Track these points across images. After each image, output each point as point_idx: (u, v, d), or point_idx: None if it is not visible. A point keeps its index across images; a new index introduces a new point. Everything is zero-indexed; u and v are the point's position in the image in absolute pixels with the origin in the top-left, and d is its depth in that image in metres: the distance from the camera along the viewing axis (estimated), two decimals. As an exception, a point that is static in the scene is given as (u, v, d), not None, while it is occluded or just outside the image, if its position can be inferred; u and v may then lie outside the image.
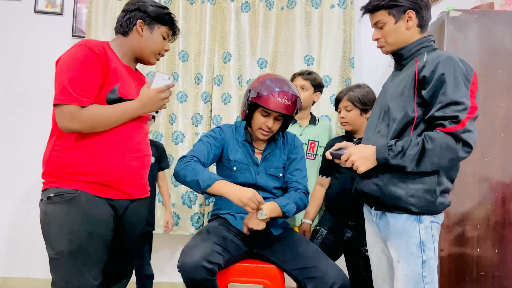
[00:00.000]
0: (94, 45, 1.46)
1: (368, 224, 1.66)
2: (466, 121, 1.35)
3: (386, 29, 1.54)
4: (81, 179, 1.45)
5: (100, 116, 1.43)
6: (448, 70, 1.38)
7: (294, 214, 1.89)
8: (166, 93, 1.53)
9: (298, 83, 2.34)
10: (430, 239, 1.45)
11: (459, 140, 1.35)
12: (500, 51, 2.15)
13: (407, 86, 1.46)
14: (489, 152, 2.13)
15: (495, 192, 2.12)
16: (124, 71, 1.56)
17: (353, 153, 1.49)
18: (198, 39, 2.82)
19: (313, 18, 2.79)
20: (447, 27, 2.16)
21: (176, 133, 2.80)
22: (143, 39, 1.59)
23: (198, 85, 2.81)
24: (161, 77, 1.53)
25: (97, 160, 1.46)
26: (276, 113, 1.86)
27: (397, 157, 1.40)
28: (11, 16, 2.88)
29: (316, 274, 1.70)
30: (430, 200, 1.43)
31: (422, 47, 1.52)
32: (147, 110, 1.53)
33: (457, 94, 1.36)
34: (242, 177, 1.94)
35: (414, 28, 1.52)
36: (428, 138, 1.37)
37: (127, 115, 1.49)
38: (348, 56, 2.77)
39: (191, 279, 1.61)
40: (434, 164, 1.39)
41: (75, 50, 1.45)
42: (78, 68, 1.41)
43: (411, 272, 1.45)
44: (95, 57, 1.43)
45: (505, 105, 2.14)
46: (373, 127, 1.57)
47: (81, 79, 1.41)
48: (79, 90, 1.40)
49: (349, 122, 2.13)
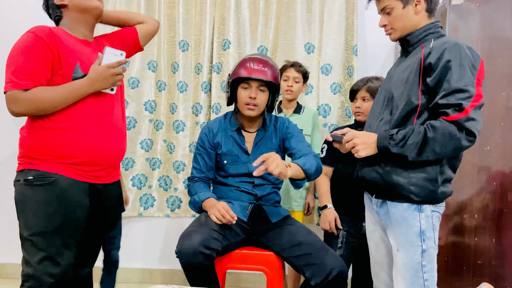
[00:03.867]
0: (39, 30, 1.47)
1: (368, 212, 1.67)
2: (469, 109, 1.32)
3: (394, 15, 1.50)
4: (60, 161, 1.48)
5: (43, 97, 1.45)
6: (455, 57, 1.36)
7: (314, 175, 1.81)
8: (117, 69, 1.52)
9: (291, 75, 2.39)
10: (431, 229, 1.45)
11: (462, 128, 1.33)
12: (501, 39, 2.12)
13: (412, 72, 1.44)
14: (489, 141, 2.12)
15: (493, 182, 2.12)
16: (82, 46, 1.56)
17: (357, 135, 1.47)
18: (198, 28, 2.80)
19: (314, 5, 2.76)
20: (449, 15, 2.14)
21: (177, 122, 2.81)
22: (71, 6, 1.56)
23: (198, 75, 2.81)
24: (111, 52, 1.51)
25: (71, 141, 1.49)
26: (254, 81, 1.89)
27: (398, 146, 1.39)
28: (11, 5, 2.85)
29: (314, 261, 1.71)
30: (431, 189, 1.43)
31: (430, 33, 1.49)
32: (97, 87, 1.51)
33: (462, 81, 1.34)
34: (234, 169, 1.96)
35: (423, 12, 1.50)
36: (431, 127, 1.36)
37: (75, 94, 1.49)
38: (350, 44, 2.75)
39: (189, 264, 1.63)
40: (436, 153, 1.38)
41: (21, 39, 1.49)
42: (22, 55, 1.45)
43: (411, 261, 1.45)
44: (39, 41, 1.45)
45: (505, 94, 2.12)
46: (376, 114, 1.56)
47: (24, 65, 1.44)
48: (22, 75, 1.43)
49: (364, 112, 2.12)
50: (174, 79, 2.82)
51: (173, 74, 2.82)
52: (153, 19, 1.87)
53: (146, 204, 2.83)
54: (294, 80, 2.39)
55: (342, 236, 2.07)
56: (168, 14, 2.79)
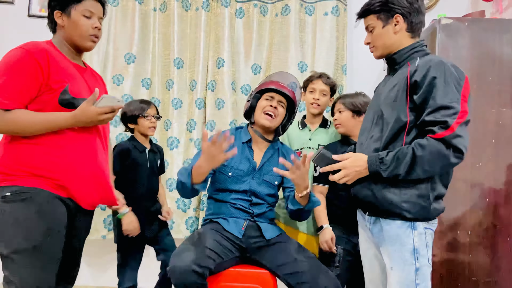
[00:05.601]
0: (32, 48, 1.43)
1: (361, 229, 1.66)
2: (455, 126, 1.34)
3: (375, 33, 1.56)
4: (38, 174, 1.43)
5: (23, 122, 1.41)
6: (439, 74, 1.38)
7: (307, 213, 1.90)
8: (108, 115, 1.47)
9: (318, 87, 2.26)
10: (424, 246, 1.45)
11: (450, 146, 1.34)
12: (491, 58, 2.17)
13: (400, 90, 1.46)
14: (480, 158, 2.14)
15: (486, 198, 2.13)
16: (74, 70, 1.53)
17: (345, 166, 1.48)
18: (193, 46, 2.83)
19: (307, 25, 2.82)
20: (439, 34, 2.19)
21: (171, 138, 2.81)
22: (67, 28, 1.53)
23: (193, 91, 2.82)
24: (110, 101, 1.47)
25: (49, 158, 1.45)
26: (279, 94, 1.97)
27: (389, 169, 1.41)
28: (4, 20, 2.87)
29: (307, 279, 1.70)
30: (423, 206, 1.43)
31: (415, 52, 1.52)
32: (79, 125, 1.48)
33: (447, 98, 1.36)
34: (235, 184, 1.93)
35: (403, 32, 1.53)
36: (419, 146, 1.37)
37: (56, 126, 1.45)
38: (340, 63, 2.79)
39: (181, 283, 1.60)
40: (426, 171, 1.39)
41: (11, 54, 1.43)
42: (10, 72, 1.40)
43: (405, 279, 1.44)
44: (31, 60, 1.40)
45: (496, 111, 2.16)
46: (367, 132, 1.57)
47: (10, 83, 1.39)
48: (6, 94, 1.38)
49: (341, 124, 2.13)
50: (168, 96, 2.82)
51: (167, 91, 2.83)
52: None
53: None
54: (321, 93, 2.25)
55: (339, 255, 2.05)
56: (163, 33, 2.82)
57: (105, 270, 2.89)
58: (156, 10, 2.80)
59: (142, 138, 2.35)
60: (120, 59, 2.76)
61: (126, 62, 2.77)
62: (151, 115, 2.31)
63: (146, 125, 2.29)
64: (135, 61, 2.77)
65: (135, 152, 2.29)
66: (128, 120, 2.32)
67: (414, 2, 1.52)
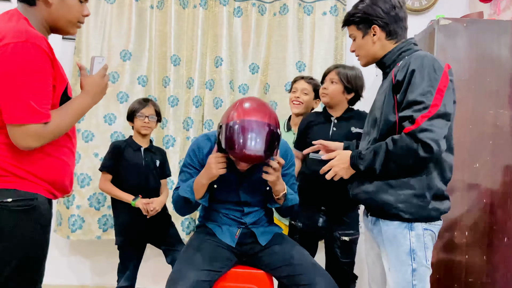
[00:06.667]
0: (38, 39, 1.24)
1: (365, 229, 1.67)
2: (421, 120, 1.33)
3: (356, 43, 1.59)
4: (38, 177, 1.31)
5: (64, 125, 1.31)
6: (417, 67, 1.39)
7: (287, 211, 1.89)
8: (107, 77, 1.42)
9: (300, 86, 2.29)
10: (422, 248, 1.44)
11: (417, 140, 1.33)
12: (488, 59, 2.17)
13: (387, 92, 1.48)
14: (478, 159, 2.15)
15: (483, 199, 2.14)
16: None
17: (333, 164, 1.53)
18: (190, 43, 2.81)
19: (305, 25, 2.81)
20: (437, 35, 2.19)
21: (167, 137, 2.79)
22: (55, 8, 1.33)
23: (190, 89, 2.80)
24: (97, 61, 1.41)
25: (45, 157, 1.33)
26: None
27: (365, 163, 1.44)
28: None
29: (304, 281, 1.69)
30: (421, 205, 1.42)
31: (402, 52, 1.52)
32: (97, 100, 1.40)
33: (417, 93, 1.36)
34: (224, 195, 1.84)
35: (382, 41, 1.54)
36: (391, 141, 1.39)
37: (82, 114, 1.37)
38: (339, 63, 2.78)
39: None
40: (400, 166, 1.40)
41: (26, 52, 1.21)
42: (36, 77, 1.22)
43: (402, 280, 1.44)
44: (45, 56, 1.24)
45: (493, 112, 2.16)
46: (366, 136, 1.59)
47: (41, 90, 1.23)
48: (43, 104, 1.23)
49: (329, 94, 2.08)
50: (164, 94, 2.80)
51: (163, 89, 2.81)
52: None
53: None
54: (302, 92, 2.27)
55: (299, 230, 2.13)
56: (160, 30, 2.80)
57: (101, 270, 2.87)
58: (153, 8, 2.78)
59: (139, 137, 2.40)
60: (116, 57, 2.74)
61: (122, 59, 2.74)
62: (145, 115, 2.35)
63: (138, 124, 2.37)
64: (131, 58, 2.75)
65: (128, 150, 2.37)
66: (128, 118, 2.42)
67: (390, 11, 1.51)
